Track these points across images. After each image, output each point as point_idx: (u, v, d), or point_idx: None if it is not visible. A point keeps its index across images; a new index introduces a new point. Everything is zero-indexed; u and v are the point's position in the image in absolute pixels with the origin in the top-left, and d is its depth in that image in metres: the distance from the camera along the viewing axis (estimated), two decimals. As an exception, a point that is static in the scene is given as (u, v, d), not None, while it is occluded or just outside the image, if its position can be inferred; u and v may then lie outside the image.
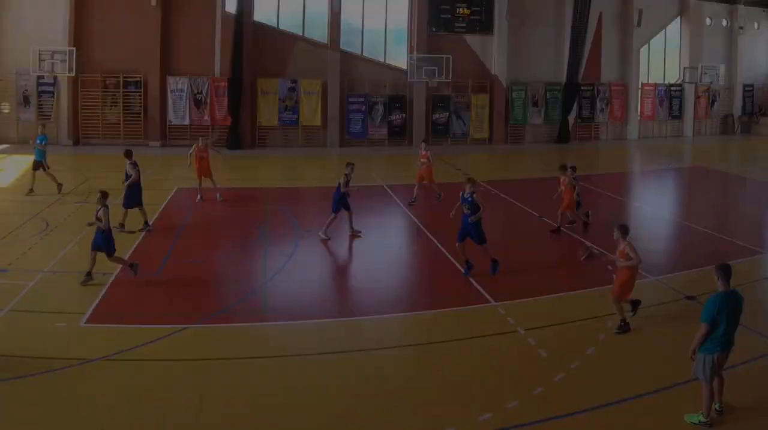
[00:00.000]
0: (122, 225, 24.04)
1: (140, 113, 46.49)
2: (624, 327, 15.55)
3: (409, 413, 12.24)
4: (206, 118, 47.09)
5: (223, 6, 46.84)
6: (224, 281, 19.78)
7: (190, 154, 29.67)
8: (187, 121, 46.79)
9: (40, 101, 45.40)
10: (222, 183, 31.59)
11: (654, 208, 31.09)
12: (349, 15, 49.86)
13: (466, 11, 51.11)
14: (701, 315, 11.49)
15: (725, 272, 11.66)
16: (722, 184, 38.59)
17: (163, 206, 28.37)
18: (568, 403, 12.34)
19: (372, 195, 30.25)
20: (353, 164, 24.44)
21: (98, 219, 18.51)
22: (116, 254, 18.91)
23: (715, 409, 11.90)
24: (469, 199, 19.42)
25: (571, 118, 53.63)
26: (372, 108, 49.65)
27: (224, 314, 16.76)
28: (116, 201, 22.87)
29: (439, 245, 23.13)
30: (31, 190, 29.66)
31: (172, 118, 46.70)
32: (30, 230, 24.16)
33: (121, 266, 18.93)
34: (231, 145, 46.41)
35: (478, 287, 18.64)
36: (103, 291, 18.00)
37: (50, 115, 45.52)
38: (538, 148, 50.62)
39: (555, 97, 53.11)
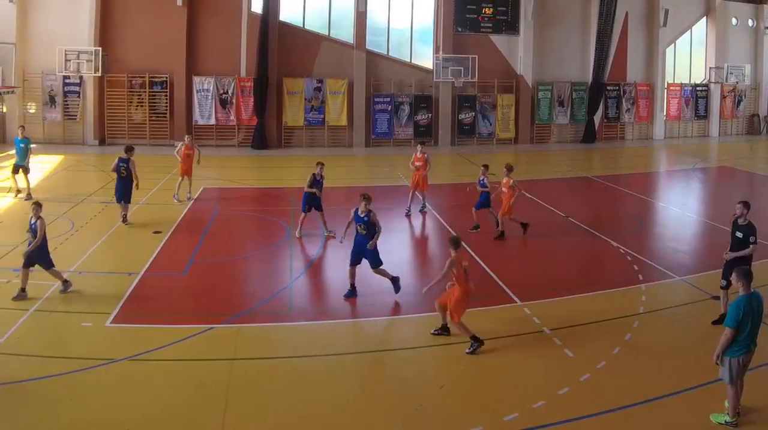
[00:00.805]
0: (125, 218, 24.62)
1: (166, 113, 45.42)
2: (475, 344, 14.21)
3: (435, 412, 12.00)
4: (232, 118, 45.92)
5: (249, 6, 45.66)
6: (250, 281, 19.27)
7: (177, 151, 29.26)
8: (212, 121, 45.71)
9: (65, 101, 44.36)
10: (248, 183, 30.80)
11: (680, 209, 29.93)
12: (375, 15, 48.49)
13: (492, 11, 49.67)
14: (726, 320, 11.39)
15: (746, 275, 11.49)
16: (749, 184, 37.19)
17: (188, 206, 27.79)
18: (594, 403, 12.12)
19: (398, 195, 29.07)
20: (323, 164, 23.70)
21: (34, 232, 17.10)
22: (55, 268, 17.42)
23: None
24: (365, 218, 17.37)
25: (597, 118, 52.13)
26: (398, 108, 48.22)
27: (250, 315, 16.38)
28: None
29: (464, 245, 21.69)
30: (29, 194, 28.07)
31: (198, 118, 45.55)
32: (56, 230, 23.15)
33: (58, 279, 17.38)
34: (257, 145, 45.33)
35: (504, 287, 18.23)
36: (129, 291, 17.57)
37: (76, 115, 44.53)
38: (564, 148, 49.31)
39: (581, 97, 51.56)
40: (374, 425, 11.57)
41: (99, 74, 43.42)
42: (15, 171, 28.61)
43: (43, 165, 36.46)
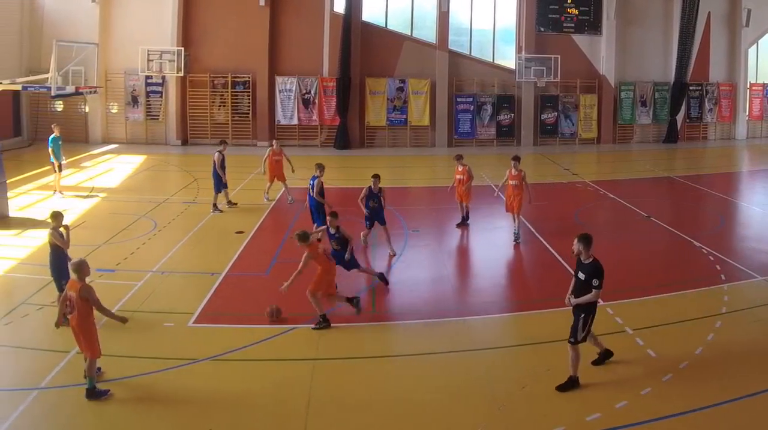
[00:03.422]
0: (215, 206, 24.34)
1: (248, 113, 40.83)
2: (322, 323, 14.47)
3: (518, 412, 11.13)
4: (314, 118, 41.04)
5: (332, 6, 40.60)
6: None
7: (265, 159, 26.48)
8: (295, 121, 40.92)
9: (148, 101, 40.22)
10: (331, 183, 28.09)
11: (762, 208, 27.11)
12: (458, 15, 43.16)
13: (574, 11, 43.95)
14: None
15: None
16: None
17: (272, 206, 25.77)
18: (677, 403, 11.22)
19: (481, 195, 26.10)
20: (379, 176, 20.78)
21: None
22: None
23: None
24: (336, 235, 16.42)
25: (679, 118, 45.91)
26: (480, 108, 42.66)
27: (332, 314, 14.94)
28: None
29: (546, 245, 20.92)
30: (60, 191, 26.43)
31: (281, 118, 40.80)
32: (138, 230, 21.93)
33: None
34: (339, 145, 40.62)
35: (586, 287, 16.90)
36: (211, 291, 16.49)
37: (158, 115, 40.26)
38: (647, 148, 43.81)
39: (663, 97, 45.26)
40: (457, 424, 10.75)
41: (181, 74, 39.00)
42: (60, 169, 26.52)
43: (125, 165, 33.91)
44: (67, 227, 14.65)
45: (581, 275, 11.82)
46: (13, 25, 37.99)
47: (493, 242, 22.06)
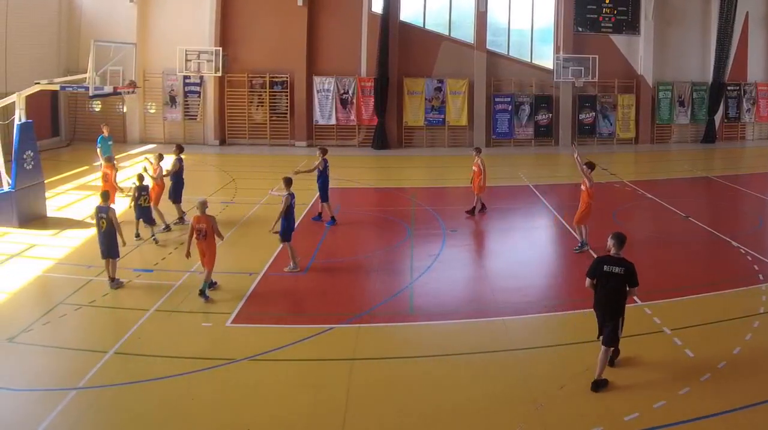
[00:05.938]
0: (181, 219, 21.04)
1: (286, 113, 37.76)
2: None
3: (555, 412, 10.25)
4: (352, 118, 37.90)
5: (369, 6, 37.36)
6: (370, 281, 16.77)
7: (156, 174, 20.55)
8: (333, 121, 37.80)
9: (186, 101, 37.32)
10: (369, 183, 26.82)
11: None
12: (495, 15, 39.74)
13: (613, 11, 40.45)
14: None
15: None
16: None
17: (310, 205, 23.72)
18: (715, 403, 10.37)
19: (520, 195, 25.96)
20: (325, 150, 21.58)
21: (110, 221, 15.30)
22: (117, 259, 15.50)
23: None
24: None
25: (717, 118, 42.16)
26: (518, 108, 39.24)
27: (370, 314, 14.21)
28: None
29: (585, 245, 18.95)
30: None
31: (319, 118, 37.70)
32: (176, 230, 20.67)
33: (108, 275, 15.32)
34: (377, 145, 37.55)
35: (624, 287, 15.12)
36: (249, 291, 15.40)
37: (196, 115, 37.34)
38: (685, 148, 40.36)
39: (701, 97, 41.47)
40: (495, 424, 10.00)
41: (219, 74, 36.04)
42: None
43: (163, 165, 31.00)
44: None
45: None
46: (51, 25, 35.15)
47: (532, 242, 20.92)
